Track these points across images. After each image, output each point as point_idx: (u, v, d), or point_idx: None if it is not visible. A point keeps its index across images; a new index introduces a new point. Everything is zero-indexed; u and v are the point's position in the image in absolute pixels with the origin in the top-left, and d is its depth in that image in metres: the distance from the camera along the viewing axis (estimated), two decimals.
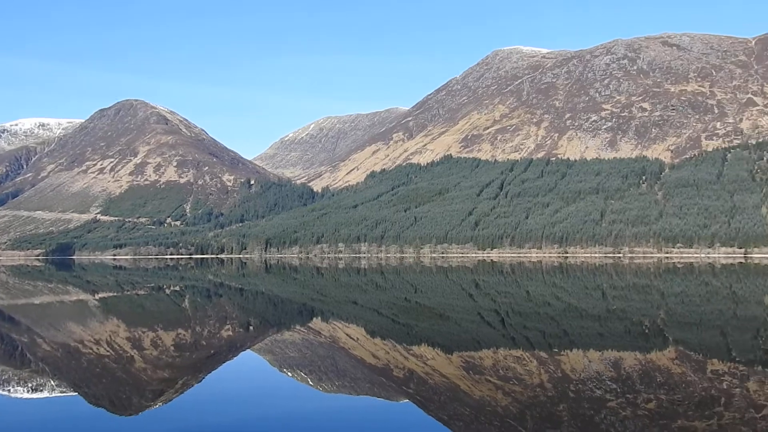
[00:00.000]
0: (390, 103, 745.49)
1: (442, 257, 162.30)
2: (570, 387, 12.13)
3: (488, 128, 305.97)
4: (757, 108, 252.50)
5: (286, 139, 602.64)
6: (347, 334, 19.73)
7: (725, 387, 11.91)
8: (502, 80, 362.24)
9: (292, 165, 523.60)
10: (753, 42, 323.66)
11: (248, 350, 17.27)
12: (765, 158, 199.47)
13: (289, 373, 14.21)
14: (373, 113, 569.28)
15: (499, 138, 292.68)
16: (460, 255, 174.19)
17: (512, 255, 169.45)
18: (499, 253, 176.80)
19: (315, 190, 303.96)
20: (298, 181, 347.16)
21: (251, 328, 22.08)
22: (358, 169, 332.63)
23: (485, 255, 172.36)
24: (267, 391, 12.87)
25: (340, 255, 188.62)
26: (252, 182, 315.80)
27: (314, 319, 25.08)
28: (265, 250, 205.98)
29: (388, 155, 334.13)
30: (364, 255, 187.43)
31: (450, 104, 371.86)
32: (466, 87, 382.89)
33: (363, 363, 15.12)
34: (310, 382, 13.36)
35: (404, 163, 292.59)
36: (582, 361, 14.74)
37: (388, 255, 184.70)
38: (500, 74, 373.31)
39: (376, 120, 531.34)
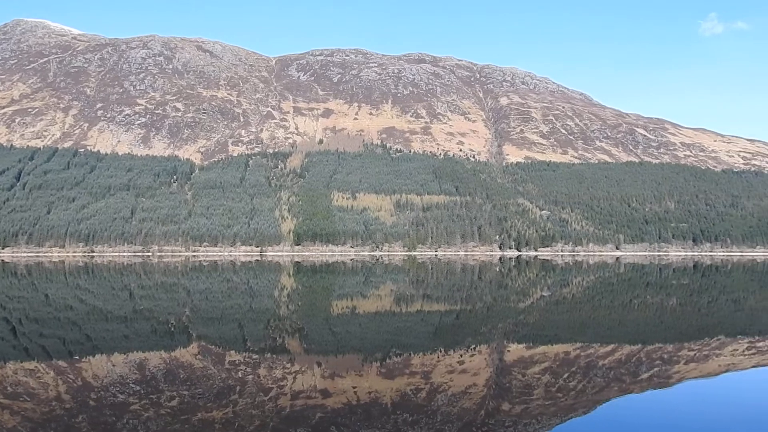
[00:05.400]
0: None
1: None
2: (91, 395, 11.56)
3: (5, 108, 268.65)
4: (275, 121, 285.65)
5: None
6: None
7: (240, 376, 13.09)
8: (24, 55, 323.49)
9: None
10: (274, 61, 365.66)
11: None
12: (279, 166, 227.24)
13: None
14: None
15: (18, 121, 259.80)
16: None
17: (29, 254, 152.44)
18: (13, 252, 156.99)
19: None
20: None
21: None
22: None
23: None
24: None
25: None
26: None
27: None
28: None
29: None
30: None
31: None
32: None
33: None
34: None
35: None
36: (106, 366, 14.22)
37: None
38: (22, 48, 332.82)
39: None
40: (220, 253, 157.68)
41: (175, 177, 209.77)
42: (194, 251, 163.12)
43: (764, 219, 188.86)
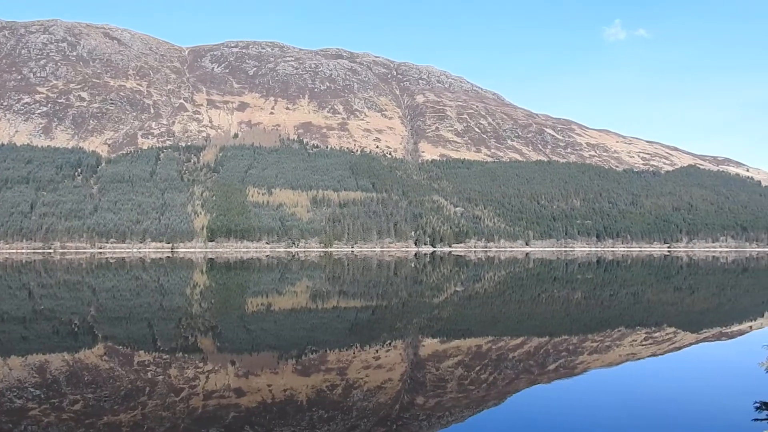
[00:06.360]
0: None
1: None
2: None
3: None
4: (188, 113, 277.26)
5: None
6: None
7: (150, 376, 12.65)
8: None
9: None
10: (186, 51, 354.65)
11: None
12: (192, 160, 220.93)
13: None
14: None
15: None
16: None
17: None
18: None
19: None
20: None
21: None
22: None
23: None
24: None
25: None
26: None
27: None
28: None
29: None
30: None
31: None
32: None
33: None
34: None
35: None
36: (1, 370, 13.40)
37: None
38: None
39: None
40: (128, 250, 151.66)
41: (79, 170, 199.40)
42: (100, 248, 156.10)
43: (661, 216, 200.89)
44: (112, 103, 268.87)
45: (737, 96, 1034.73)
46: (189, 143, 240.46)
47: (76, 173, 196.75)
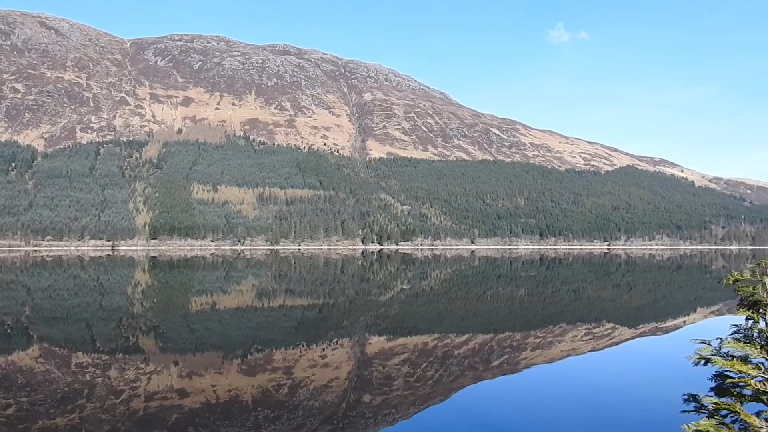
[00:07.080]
0: None
1: None
2: None
3: None
4: (129, 107, 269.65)
5: None
6: None
7: (88, 378, 12.28)
8: None
9: None
10: (128, 44, 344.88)
11: None
12: (134, 156, 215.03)
13: None
14: None
15: None
16: None
17: None
18: None
19: None
20: None
21: None
22: None
23: None
24: None
25: None
26: None
27: None
28: None
29: None
30: None
31: None
32: None
33: None
34: None
35: None
36: None
37: None
38: None
39: None
40: (66, 248, 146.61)
41: (13, 164, 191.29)
42: (36, 246, 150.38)
43: (601, 215, 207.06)
44: (49, 96, 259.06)
45: (674, 98, 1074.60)
46: (131, 138, 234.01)
47: (10, 168, 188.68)
